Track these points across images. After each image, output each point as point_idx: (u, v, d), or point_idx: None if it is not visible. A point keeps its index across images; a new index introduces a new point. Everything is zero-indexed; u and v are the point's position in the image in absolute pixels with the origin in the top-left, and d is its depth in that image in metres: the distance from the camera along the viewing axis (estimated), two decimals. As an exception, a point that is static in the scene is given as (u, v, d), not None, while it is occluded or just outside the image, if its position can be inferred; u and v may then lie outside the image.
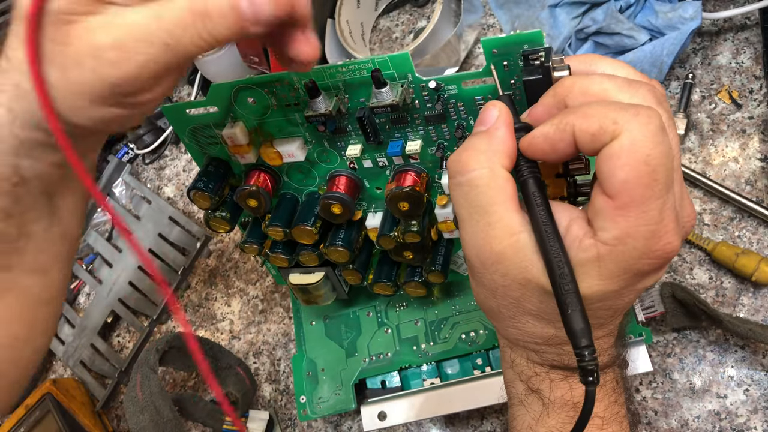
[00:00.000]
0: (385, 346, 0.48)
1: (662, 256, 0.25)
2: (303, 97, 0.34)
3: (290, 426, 0.56)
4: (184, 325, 0.54)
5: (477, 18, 0.59)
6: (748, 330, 0.41)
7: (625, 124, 0.23)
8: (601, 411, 0.31)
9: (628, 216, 0.24)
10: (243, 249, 0.42)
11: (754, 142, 0.48)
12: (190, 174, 0.67)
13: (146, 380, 0.47)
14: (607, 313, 0.28)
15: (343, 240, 0.39)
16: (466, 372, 0.46)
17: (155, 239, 0.64)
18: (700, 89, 0.50)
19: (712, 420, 0.44)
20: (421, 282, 0.42)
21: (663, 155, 0.23)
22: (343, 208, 0.37)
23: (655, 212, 0.24)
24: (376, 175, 0.38)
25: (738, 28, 0.50)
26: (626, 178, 0.23)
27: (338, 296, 0.46)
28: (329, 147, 0.37)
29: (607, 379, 0.31)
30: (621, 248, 0.24)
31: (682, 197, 0.26)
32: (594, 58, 0.29)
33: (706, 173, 0.48)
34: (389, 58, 0.32)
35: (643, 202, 0.24)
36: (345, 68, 0.33)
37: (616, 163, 0.24)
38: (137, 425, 0.47)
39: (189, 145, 0.39)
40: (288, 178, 0.40)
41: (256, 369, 0.59)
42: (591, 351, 0.25)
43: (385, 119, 0.35)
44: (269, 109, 0.36)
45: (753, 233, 0.46)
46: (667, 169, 0.24)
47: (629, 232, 0.24)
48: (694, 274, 0.47)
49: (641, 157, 0.23)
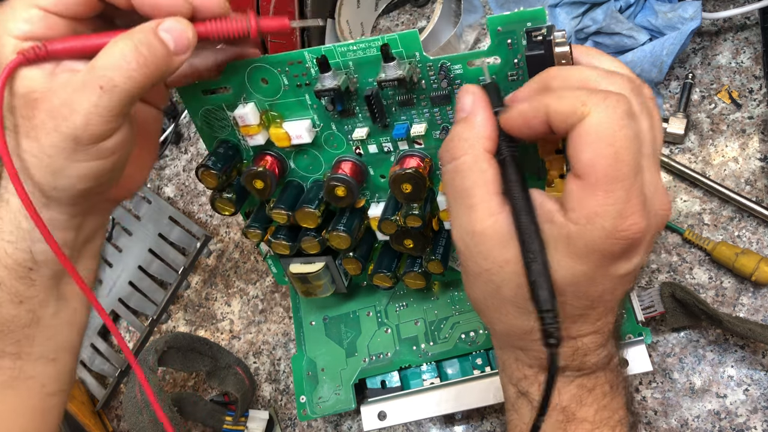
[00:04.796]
0: (385, 346, 0.48)
1: (629, 237, 0.25)
2: (314, 77, 0.35)
3: (290, 426, 0.56)
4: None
5: (477, 18, 0.59)
6: (748, 330, 0.41)
7: (593, 107, 0.25)
8: (591, 415, 0.30)
9: (595, 195, 0.25)
10: (246, 234, 0.43)
11: (753, 142, 0.48)
12: (191, 174, 0.67)
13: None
14: (583, 301, 0.27)
15: (345, 226, 0.40)
16: (466, 372, 0.46)
17: (155, 239, 0.64)
18: (700, 89, 0.50)
19: (712, 420, 0.44)
20: (421, 273, 0.42)
21: (627, 138, 0.24)
22: (347, 190, 0.38)
23: (621, 192, 0.25)
24: (381, 162, 0.39)
25: (738, 28, 0.50)
26: (591, 158, 0.25)
27: (337, 289, 0.46)
28: (336, 131, 0.38)
29: (597, 383, 0.31)
30: (589, 227, 0.25)
31: (656, 186, 0.27)
32: (595, 53, 0.29)
33: (705, 173, 0.48)
34: (398, 36, 0.33)
35: (608, 182, 0.25)
36: (355, 46, 0.34)
37: (583, 143, 0.25)
38: (136, 425, 0.47)
39: (201, 128, 0.40)
40: (294, 165, 0.41)
41: (256, 369, 0.59)
42: (552, 315, 0.26)
43: (391, 101, 0.36)
44: (281, 89, 0.37)
45: (753, 233, 0.46)
46: (633, 152, 0.25)
47: (596, 211, 0.25)
48: (694, 273, 0.47)
49: (606, 138, 0.24)
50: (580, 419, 0.30)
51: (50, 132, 0.28)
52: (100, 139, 0.29)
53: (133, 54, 0.28)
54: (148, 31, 0.28)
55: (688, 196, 0.49)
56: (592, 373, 0.30)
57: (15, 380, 0.35)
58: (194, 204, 0.66)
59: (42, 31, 0.29)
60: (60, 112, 0.28)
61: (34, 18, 0.29)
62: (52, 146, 0.28)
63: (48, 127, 0.28)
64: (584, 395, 0.30)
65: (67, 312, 0.36)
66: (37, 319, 0.34)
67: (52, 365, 0.36)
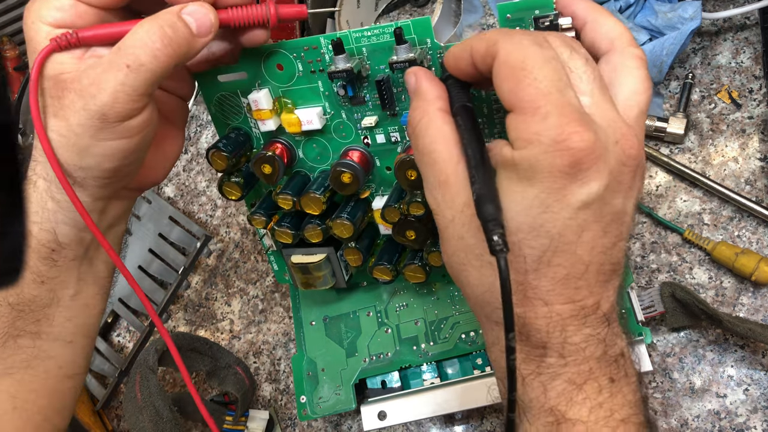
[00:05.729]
0: (385, 346, 0.48)
1: (570, 146, 0.25)
2: (328, 63, 0.37)
3: (290, 426, 0.56)
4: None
5: (477, 18, 0.59)
6: (748, 329, 0.41)
7: (501, 44, 0.26)
8: (584, 415, 0.27)
9: (526, 119, 0.25)
10: (250, 221, 0.43)
11: (753, 141, 0.48)
12: (191, 174, 0.67)
13: (145, 380, 0.47)
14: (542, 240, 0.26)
15: (348, 214, 0.40)
16: (466, 372, 0.46)
17: (155, 239, 0.64)
18: (700, 89, 0.50)
19: (712, 419, 0.44)
20: (421, 266, 0.42)
21: (539, 57, 0.26)
22: (353, 177, 0.38)
23: (549, 107, 0.25)
24: (387, 153, 0.40)
25: (738, 28, 0.50)
26: (511, 87, 0.26)
27: (337, 283, 0.46)
28: (346, 119, 0.39)
29: (589, 377, 0.27)
30: (530, 147, 0.26)
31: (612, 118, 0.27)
32: (599, 10, 0.31)
33: (705, 173, 0.48)
34: (411, 22, 0.34)
35: (533, 101, 0.25)
36: (369, 32, 0.35)
37: (501, 77, 0.26)
38: (136, 425, 0.47)
39: (215, 115, 0.41)
40: (303, 154, 0.41)
41: (256, 369, 0.59)
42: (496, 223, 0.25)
43: (401, 88, 0.37)
44: (295, 76, 0.38)
45: (753, 233, 0.46)
46: (549, 71, 0.26)
47: (533, 130, 0.25)
48: (694, 273, 0.47)
49: (516, 63, 0.26)
50: (573, 420, 0.27)
51: (78, 111, 0.30)
52: (125, 117, 0.30)
53: (158, 34, 0.29)
54: (173, 13, 0.30)
55: (688, 196, 0.49)
56: (582, 364, 0.27)
57: (34, 359, 0.35)
58: (194, 204, 0.66)
59: (72, 19, 0.31)
60: (88, 91, 0.29)
61: (66, 6, 0.31)
62: (79, 125, 0.30)
63: (76, 106, 0.30)
64: (574, 392, 0.27)
65: (86, 294, 0.37)
66: (57, 299, 0.35)
67: (69, 348, 0.37)
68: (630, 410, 0.28)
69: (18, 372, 0.35)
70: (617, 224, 0.27)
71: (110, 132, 0.30)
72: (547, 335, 0.27)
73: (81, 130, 0.30)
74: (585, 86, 0.27)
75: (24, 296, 0.34)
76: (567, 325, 0.27)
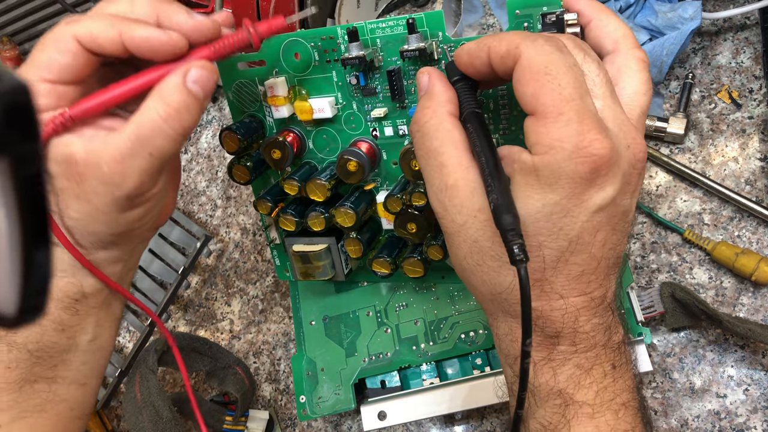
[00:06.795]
0: (384, 346, 0.48)
1: (592, 153, 0.25)
2: (343, 53, 0.38)
3: (290, 426, 0.56)
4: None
5: (477, 18, 0.59)
6: (748, 330, 0.41)
7: (524, 48, 0.26)
8: (591, 398, 0.29)
9: (548, 124, 0.26)
10: (256, 207, 0.43)
11: (753, 141, 0.48)
12: (191, 174, 0.67)
13: (145, 380, 0.47)
14: (561, 242, 0.27)
15: (352, 203, 0.41)
16: (465, 372, 0.46)
17: (155, 239, 0.64)
18: (700, 89, 0.50)
19: (712, 420, 0.44)
20: (420, 260, 0.42)
21: (562, 64, 0.26)
22: (358, 165, 0.39)
23: (571, 113, 0.25)
24: (394, 147, 0.40)
25: (738, 28, 0.50)
26: (533, 91, 0.26)
27: (336, 276, 0.46)
28: (357, 110, 0.40)
29: (596, 362, 0.29)
30: (552, 152, 0.26)
31: (622, 121, 0.28)
32: (604, 10, 0.31)
33: (705, 173, 0.48)
34: (424, 15, 0.35)
35: (556, 106, 0.25)
36: (384, 23, 0.37)
37: (523, 81, 0.26)
38: (136, 425, 0.47)
39: (231, 102, 0.43)
40: (313, 144, 0.42)
41: (256, 369, 0.59)
42: (515, 233, 0.25)
43: (411, 81, 0.38)
44: (310, 65, 0.39)
45: (753, 233, 0.46)
46: (571, 77, 0.26)
47: (556, 137, 0.26)
48: (694, 273, 0.47)
49: (540, 68, 0.26)
50: (580, 402, 0.29)
51: (103, 195, 0.30)
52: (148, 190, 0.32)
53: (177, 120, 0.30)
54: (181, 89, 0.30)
55: (688, 196, 0.49)
56: (590, 350, 0.29)
57: (48, 403, 0.36)
58: (194, 204, 0.66)
59: (55, 101, 0.30)
60: (112, 180, 0.30)
61: (43, 92, 0.30)
62: (105, 205, 0.31)
63: (100, 191, 0.30)
64: (582, 376, 0.29)
65: (103, 338, 0.37)
66: (75, 345, 0.36)
67: (81, 390, 0.37)
68: (629, 395, 0.30)
69: (32, 416, 0.35)
70: (624, 222, 0.28)
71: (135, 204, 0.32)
72: (562, 325, 0.29)
73: (107, 209, 0.31)
74: (598, 90, 0.27)
75: (44, 343, 0.34)
76: (579, 315, 0.28)
